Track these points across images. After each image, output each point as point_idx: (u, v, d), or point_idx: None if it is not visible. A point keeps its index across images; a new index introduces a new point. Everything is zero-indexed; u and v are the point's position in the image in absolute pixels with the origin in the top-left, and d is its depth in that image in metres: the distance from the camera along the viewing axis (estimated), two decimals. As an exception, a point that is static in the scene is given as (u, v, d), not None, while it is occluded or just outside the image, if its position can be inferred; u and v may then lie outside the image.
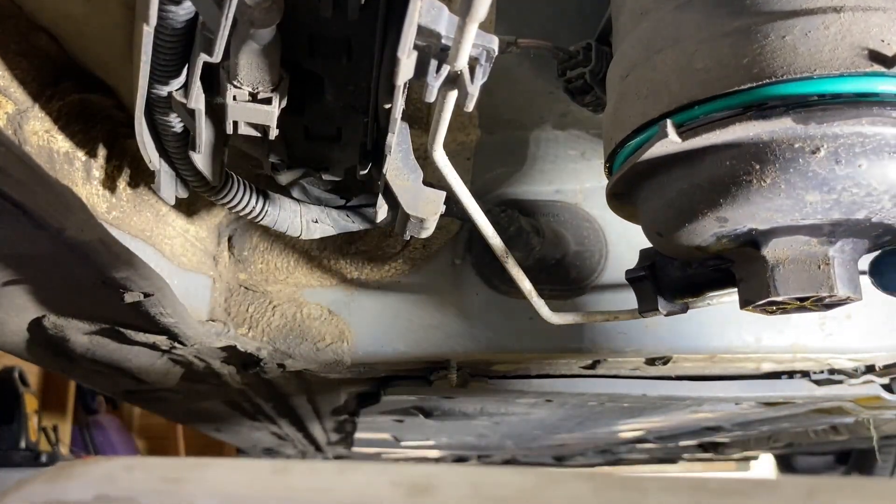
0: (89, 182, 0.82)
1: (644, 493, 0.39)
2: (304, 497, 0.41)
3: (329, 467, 0.43)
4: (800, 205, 0.68)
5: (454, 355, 1.20)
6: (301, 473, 0.43)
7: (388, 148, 0.72)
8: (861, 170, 0.65)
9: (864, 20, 0.65)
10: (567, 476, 0.41)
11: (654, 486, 0.40)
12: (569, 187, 1.20)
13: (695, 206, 0.73)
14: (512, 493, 0.40)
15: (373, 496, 0.41)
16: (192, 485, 0.42)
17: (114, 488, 0.42)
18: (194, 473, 0.43)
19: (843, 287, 0.72)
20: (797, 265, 0.72)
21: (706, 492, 0.39)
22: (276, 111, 0.67)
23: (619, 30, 0.83)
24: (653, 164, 0.75)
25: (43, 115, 0.74)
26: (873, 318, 1.19)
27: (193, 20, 0.60)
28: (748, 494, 0.39)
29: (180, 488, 0.42)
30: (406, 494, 0.40)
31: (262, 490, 0.42)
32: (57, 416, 3.55)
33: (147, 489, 0.42)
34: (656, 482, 0.40)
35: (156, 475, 0.43)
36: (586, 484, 0.40)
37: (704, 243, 0.76)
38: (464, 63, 0.59)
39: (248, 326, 1.14)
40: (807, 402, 1.58)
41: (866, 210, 0.68)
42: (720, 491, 0.39)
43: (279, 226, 0.90)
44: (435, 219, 0.79)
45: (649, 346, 1.18)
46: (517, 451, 2.98)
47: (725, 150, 0.69)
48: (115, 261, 0.81)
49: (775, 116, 0.65)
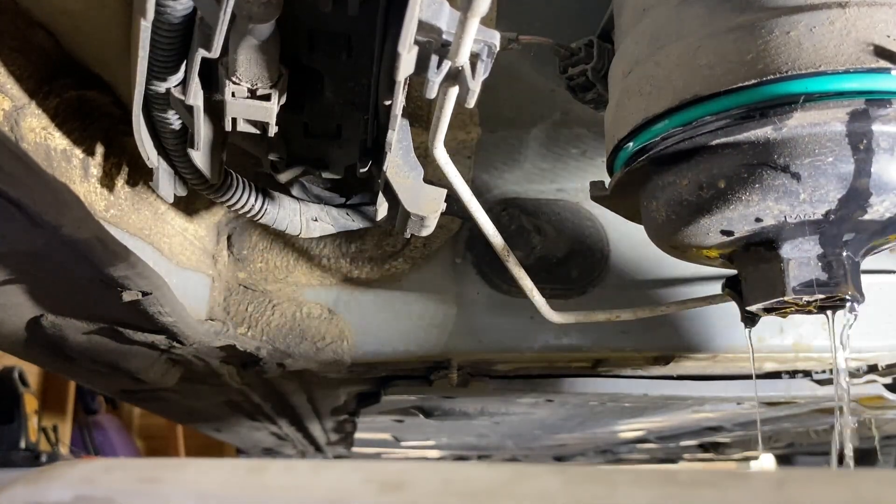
0: (87, 180, 0.81)
1: (613, 486, 0.40)
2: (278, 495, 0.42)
3: (304, 466, 0.44)
4: (809, 203, 0.67)
5: (455, 355, 1.20)
6: (276, 472, 0.43)
7: (389, 145, 0.71)
8: (872, 167, 0.64)
9: (870, 16, 0.64)
10: (538, 470, 0.42)
11: (623, 479, 0.40)
12: (570, 186, 1.20)
13: (700, 204, 0.72)
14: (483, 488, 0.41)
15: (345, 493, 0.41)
16: (169, 485, 0.43)
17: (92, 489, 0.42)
18: (171, 473, 0.44)
19: (852, 287, 0.71)
20: (807, 265, 0.72)
21: (675, 484, 0.39)
22: (275, 108, 0.66)
23: (622, 26, 0.83)
24: (656, 162, 0.74)
25: (40, 112, 0.74)
26: (876, 318, 1.18)
27: (192, 15, 0.59)
28: (718, 486, 0.39)
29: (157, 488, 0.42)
30: (378, 491, 0.41)
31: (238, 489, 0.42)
32: (57, 416, 3.55)
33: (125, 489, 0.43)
34: (626, 475, 0.40)
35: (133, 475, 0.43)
36: (557, 478, 0.41)
37: (709, 243, 0.76)
38: (465, 58, 0.58)
39: (248, 326, 1.14)
40: (808, 401, 1.57)
41: (875, 208, 0.67)
42: (690, 483, 0.39)
43: (278, 224, 0.89)
44: (436, 217, 0.79)
45: (651, 345, 1.17)
46: (517, 451, 2.98)
47: (732, 148, 0.68)
48: (113, 259, 0.81)
49: (778, 115, 0.65)
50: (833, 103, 0.64)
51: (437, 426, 2.04)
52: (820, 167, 0.66)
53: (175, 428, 4.49)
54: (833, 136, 0.65)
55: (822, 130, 0.65)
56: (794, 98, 0.64)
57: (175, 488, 0.42)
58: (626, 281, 1.16)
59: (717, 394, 1.44)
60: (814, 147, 0.65)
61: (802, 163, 0.66)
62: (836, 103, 0.64)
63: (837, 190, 0.67)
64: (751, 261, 0.76)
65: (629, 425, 2.11)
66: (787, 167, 0.67)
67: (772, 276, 0.73)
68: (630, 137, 0.76)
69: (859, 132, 0.64)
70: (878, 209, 0.68)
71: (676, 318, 1.16)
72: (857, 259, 0.73)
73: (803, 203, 0.68)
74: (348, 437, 2.45)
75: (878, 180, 0.65)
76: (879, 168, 0.65)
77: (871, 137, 0.64)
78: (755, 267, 0.76)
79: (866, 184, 0.66)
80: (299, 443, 2.76)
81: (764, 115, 0.66)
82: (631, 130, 0.75)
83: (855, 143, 0.64)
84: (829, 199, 0.67)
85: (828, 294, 0.72)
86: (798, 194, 0.67)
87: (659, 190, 0.76)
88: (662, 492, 0.39)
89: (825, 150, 0.65)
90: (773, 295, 0.73)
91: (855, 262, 0.73)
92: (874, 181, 0.65)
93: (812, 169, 0.66)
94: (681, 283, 1.17)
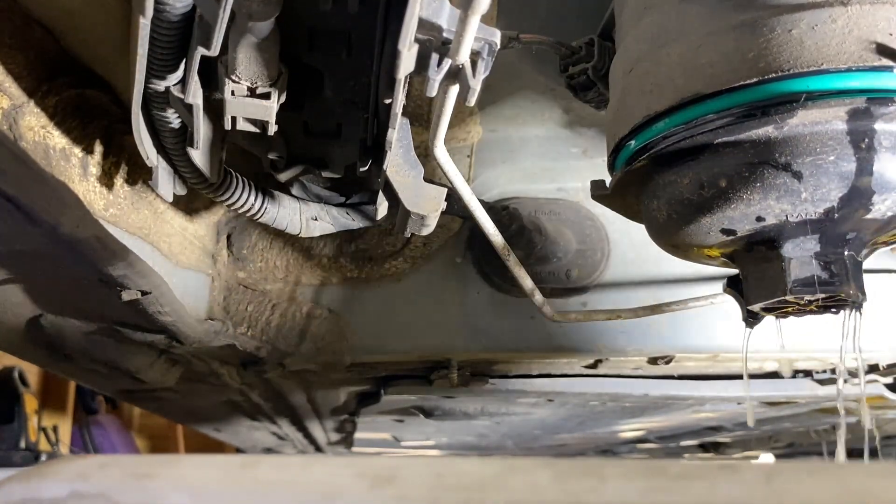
0: (86, 179, 0.81)
1: (603, 479, 0.40)
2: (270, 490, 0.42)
3: (296, 461, 0.44)
4: (811, 202, 0.67)
5: (455, 354, 1.20)
6: (269, 467, 0.43)
7: (389, 143, 0.71)
8: (874, 166, 0.64)
9: (872, 14, 0.64)
10: (528, 464, 0.42)
11: (613, 472, 0.40)
12: (571, 185, 1.19)
13: (701, 203, 0.72)
14: (474, 482, 0.41)
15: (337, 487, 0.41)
16: (163, 480, 0.43)
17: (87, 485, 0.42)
18: (165, 469, 0.44)
19: (854, 286, 0.71)
20: (808, 264, 0.71)
21: (665, 477, 0.39)
22: (274, 106, 0.66)
23: (623, 25, 0.83)
24: (657, 160, 0.74)
25: (39, 111, 0.73)
26: (877, 318, 1.18)
27: (191, 13, 0.59)
28: (707, 479, 0.39)
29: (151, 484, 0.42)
30: (370, 486, 0.41)
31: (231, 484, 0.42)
32: (57, 416, 3.54)
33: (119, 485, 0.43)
34: (615, 468, 0.41)
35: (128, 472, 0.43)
36: (547, 471, 0.41)
37: (710, 242, 0.75)
38: (465, 57, 0.58)
39: (248, 325, 1.13)
40: (809, 401, 1.57)
41: (877, 207, 0.67)
42: (679, 476, 0.39)
43: (278, 223, 0.89)
44: (436, 216, 0.78)
45: (652, 345, 1.17)
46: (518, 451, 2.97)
47: (733, 147, 0.68)
48: (112, 258, 0.81)
49: (780, 114, 0.65)
50: (835, 102, 0.64)
51: (438, 426, 2.04)
52: (821, 166, 0.65)
53: (175, 428, 4.49)
54: (835, 135, 0.65)
55: (824, 129, 0.65)
56: (796, 96, 0.64)
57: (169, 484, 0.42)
58: (627, 281, 1.16)
59: (718, 394, 1.44)
60: (815, 146, 0.65)
61: (804, 161, 0.66)
62: (837, 102, 0.64)
63: (839, 189, 0.66)
64: (752, 260, 0.76)
65: (629, 425, 2.11)
66: (788, 166, 0.66)
67: (773, 276, 0.73)
68: (631, 136, 0.76)
69: (861, 131, 0.64)
70: (880, 208, 0.67)
71: (676, 318, 1.15)
72: (859, 258, 0.73)
73: (805, 202, 0.68)
74: (348, 437, 2.45)
75: (880, 179, 0.65)
76: (881, 167, 0.64)
77: (872, 136, 0.64)
78: (756, 266, 0.75)
79: (868, 182, 0.65)
80: (299, 443, 2.76)
81: (765, 114, 0.65)
82: (632, 129, 0.75)
83: (856, 142, 0.64)
84: (831, 198, 0.67)
85: (829, 293, 0.71)
86: (799, 193, 0.67)
87: (660, 189, 0.76)
88: (652, 484, 0.39)
89: (827, 148, 0.65)
90: (775, 294, 0.73)
91: (857, 261, 0.73)
92: (876, 180, 0.65)
93: (813, 168, 0.66)
94: (681, 282, 1.17)
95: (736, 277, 0.82)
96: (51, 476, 0.43)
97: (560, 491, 0.39)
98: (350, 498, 0.40)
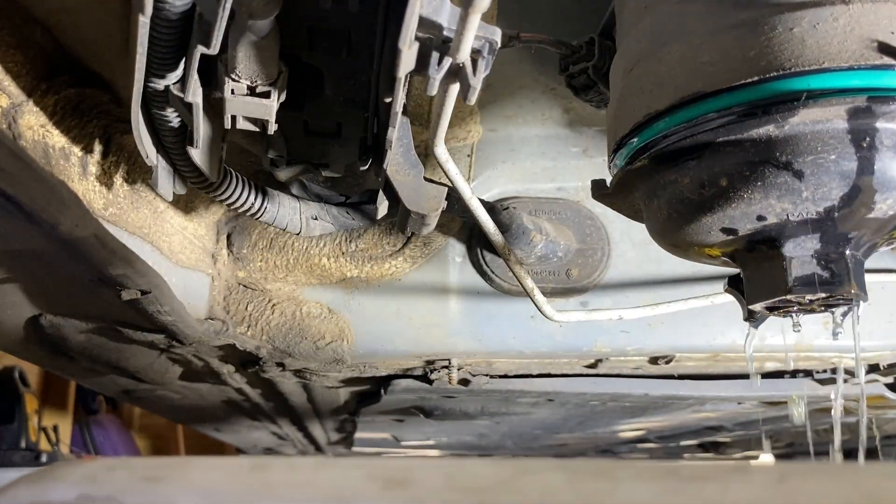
0: (85, 178, 0.81)
1: (616, 481, 0.40)
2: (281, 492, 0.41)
3: (307, 463, 0.44)
4: (812, 201, 0.67)
5: (455, 354, 1.19)
6: (279, 470, 0.43)
7: (389, 143, 0.71)
8: (875, 165, 0.64)
9: (874, 12, 0.64)
10: (542, 465, 0.42)
11: (626, 474, 0.40)
12: (571, 184, 1.19)
13: (702, 202, 0.71)
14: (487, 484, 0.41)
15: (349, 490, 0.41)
16: (173, 483, 0.43)
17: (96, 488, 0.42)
18: (175, 472, 0.44)
19: (855, 285, 0.71)
20: (809, 263, 0.71)
21: (678, 479, 0.39)
22: (274, 105, 0.66)
23: (623, 24, 0.82)
24: (658, 159, 0.74)
25: (38, 110, 0.73)
26: (877, 317, 1.18)
27: (190, 11, 0.59)
28: (720, 480, 0.39)
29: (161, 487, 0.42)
30: (382, 488, 0.41)
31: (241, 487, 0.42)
32: (57, 416, 3.54)
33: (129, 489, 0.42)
34: (628, 470, 0.41)
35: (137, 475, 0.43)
36: (560, 474, 0.41)
37: (711, 241, 0.75)
38: (466, 55, 0.58)
39: (248, 325, 1.13)
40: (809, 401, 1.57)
41: (878, 205, 0.67)
42: (692, 477, 0.39)
43: (278, 223, 0.89)
44: (436, 215, 0.78)
45: (652, 344, 1.17)
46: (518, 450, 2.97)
47: (734, 146, 0.67)
48: (112, 257, 0.80)
49: (781, 113, 0.64)
50: (836, 100, 0.64)
51: (438, 426, 2.04)
52: (822, 165, 0.65)
53: (175, 427, 4.49)
54: (836, 134, 0.65)
55: (825, 128, 0.64)
56: (797, 95, 0.64)
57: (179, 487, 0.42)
58: (627, 280, 1.16)
59: (718, 393, 1.44)
60: (816, 144, 0.65)
61: (805, 160, 0.66)
62: (839, 100, 0.63)
63: (840, 188, 0.66)
64: (753, 259, 0.76)
65: (629, 425, 2.11)
66: (789, 165, 0.66)
67: (774, 275, 0.73)
68: (632, 135, 0.75)
69: (862, 129, 0.64)
70: (882, 207, 0.67)
71: (677, 317, 1.15)
72: (860, 257, 0.73)
73: (806, 201, 0.67)
74: (348, 437, 2.45)
75: (882, 178, 0.65)
76: (883, 165, 0.64)
77: (874, 135, 0.64)
78: (757, 265, 0.75)
79: (869, 181, 0.65)
80: (299, 442, 2.75)
81: (766, 113, 0.65)
82: (632, 128, 0.75)
83: (858, 141, 0.64)
84: (832, 197, 0.67)
85: (830, 292, 0.71)
86: (800, 192, 0.67)
87: (660, 188, 0.76)
88: (665, 486, 0.39)
89: (828, 147, 0.65)
90: (776, 293, 0.73)
91: (858, 261, 0.72)
92: (877, 179, 0.65)
93: (815, 167, 0.66)
94: (682, 282, 1.17)
95: (737, 277, 0.82)
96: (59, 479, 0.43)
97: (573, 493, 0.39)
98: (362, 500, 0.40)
